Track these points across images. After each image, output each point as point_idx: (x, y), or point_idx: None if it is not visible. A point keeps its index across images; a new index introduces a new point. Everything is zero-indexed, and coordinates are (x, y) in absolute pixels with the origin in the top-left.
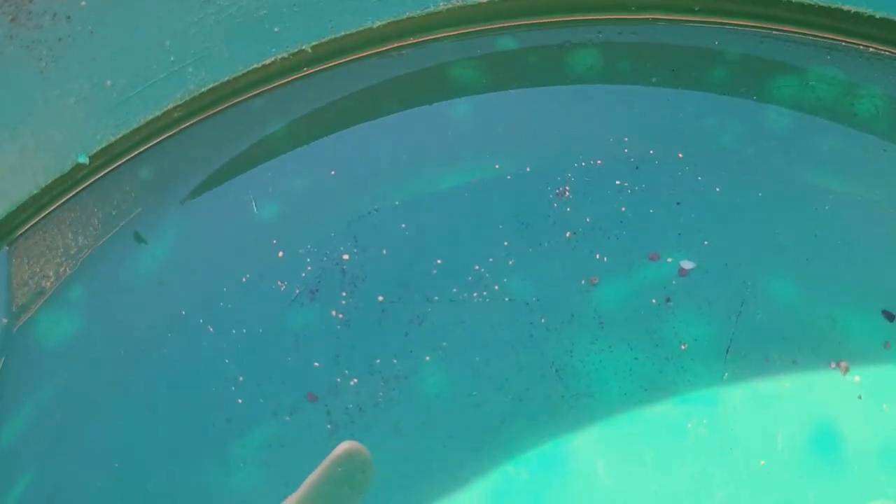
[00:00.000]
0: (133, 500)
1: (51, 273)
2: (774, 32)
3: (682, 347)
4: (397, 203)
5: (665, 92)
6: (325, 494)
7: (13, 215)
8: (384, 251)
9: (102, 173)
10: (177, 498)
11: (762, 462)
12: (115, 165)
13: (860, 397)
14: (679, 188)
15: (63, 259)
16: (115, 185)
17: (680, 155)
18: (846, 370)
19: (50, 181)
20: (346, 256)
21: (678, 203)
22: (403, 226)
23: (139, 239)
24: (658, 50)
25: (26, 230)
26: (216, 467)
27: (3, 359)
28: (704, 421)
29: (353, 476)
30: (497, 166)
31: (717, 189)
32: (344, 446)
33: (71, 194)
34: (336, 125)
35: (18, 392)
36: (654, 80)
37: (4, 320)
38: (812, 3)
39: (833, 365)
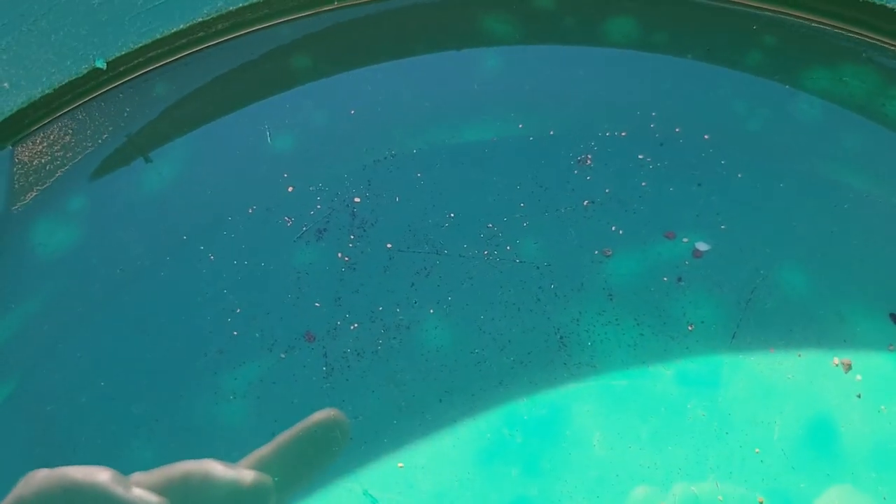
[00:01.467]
0: (117, 421)
1: (53, 179)
2: (814, 24)
3: (689, 328)
4: (415, 151)
5: (698, 70)
6: (311, 435)
7: (23, 113)
8: (397, 198)
9: (118, 83)
10: (162, 423)
11: (756, 450)
12: (131, 76)
13: (859, 396)
14: (701, 169)
15: (67, 166)
16: (129, 98)
17: (706, 136)
18: (848, 368)
19: (64, 82)
20: (357, 199)
21: (699, 184)
22: (419, 174)
23: (146, 156)
24: (696, 27)
25: (34, 131)
26: (205, 397)
27: None
28: (704, 403)
29: (340, 423)
30: (521, 125)
31: (740, 175)
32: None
33: (84, 100)
34: (361, 64)
35: (7, 298)
36: (688, 56)
37: None
38: None
39: (836, 361)
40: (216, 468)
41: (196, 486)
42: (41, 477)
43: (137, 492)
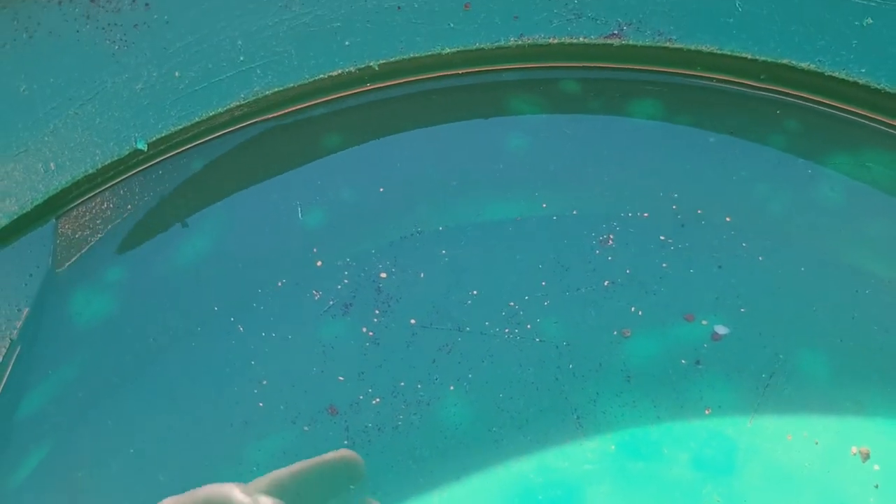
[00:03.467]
0: (144, 488)
1: (93, 252)
2: (838, 113)
3: (706, 412)
4: (441, 228)
5: (721, 152)
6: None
7: (66, 191)
8: (422, 275)
9: (157, 160)
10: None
11: None
12: (170, 154)
13: (877, 486)
14: (722, 251)
15: (106, 240)
16: (168, 173)
17: (728, 218)
18: (866, 457)
19: (106, 162)
20: (383, 275)
21: (720, 266)
22: (444, 252)
23: (183, 229)
24: (719, 110)
25: (76, 205)
26: (229, 467)
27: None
28: (719, 489)
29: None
30: (544, 205)
31: (760, 258)
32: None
33: (123, 177)
34: (390, 143)
35: (45, 365)
36: (711, 139)
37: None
38: (879, 87)
39: (854, 450)
40: (237, 495)
41: None
42: None
43: None
